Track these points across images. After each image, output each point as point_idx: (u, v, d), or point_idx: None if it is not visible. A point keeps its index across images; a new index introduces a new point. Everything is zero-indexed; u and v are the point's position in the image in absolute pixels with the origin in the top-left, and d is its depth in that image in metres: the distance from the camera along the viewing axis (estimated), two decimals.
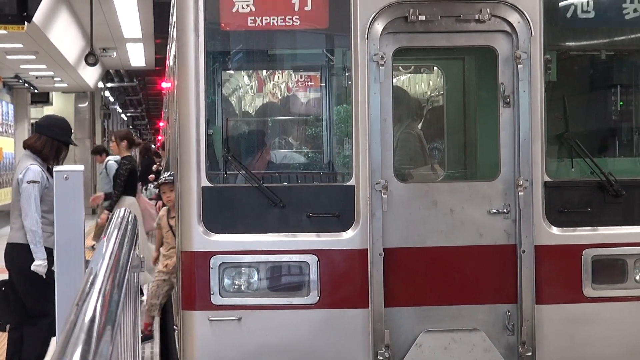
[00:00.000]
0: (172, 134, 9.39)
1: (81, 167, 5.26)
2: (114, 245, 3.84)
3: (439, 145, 7.63)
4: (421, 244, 6.51)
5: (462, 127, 7.39)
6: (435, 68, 7.99)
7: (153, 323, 10.41)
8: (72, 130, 9.67)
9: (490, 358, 6.43)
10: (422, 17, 6.45)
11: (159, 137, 43.71)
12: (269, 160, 7.09)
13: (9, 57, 22.38)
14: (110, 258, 3.45)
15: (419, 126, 7.67)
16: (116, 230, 4.36)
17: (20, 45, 20.14)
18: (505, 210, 6.52)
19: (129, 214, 5.28)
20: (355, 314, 6.43)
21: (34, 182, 7.95)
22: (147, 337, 10.23)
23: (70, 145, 8.86)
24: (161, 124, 39.31)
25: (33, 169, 8.06)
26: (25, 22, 9.64)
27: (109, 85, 39.65)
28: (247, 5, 6.52)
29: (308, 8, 6.53)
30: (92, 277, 3.02)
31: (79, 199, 4.78)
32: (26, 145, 8.51)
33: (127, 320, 3.69)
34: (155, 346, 10.51)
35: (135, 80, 40.07)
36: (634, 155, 7.17)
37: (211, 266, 6.42)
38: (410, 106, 7.64)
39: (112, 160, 14.78)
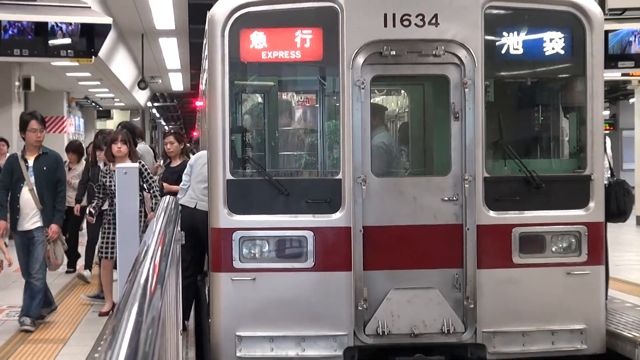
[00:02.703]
0: (204, 140, 9.35)
1: (136, 165, 5.27)
2: (161, 224, 3.82)
3: (405, 149, 7.59)
4: (391, 223, 6.48)
5: (423, 136, 7.36)
6: (402, 91, 7.96)
7: None
8: None
9: (442, 309, 6.41)
10: (393, 52, 6.41)
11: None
12: (277, 159, 7.06)
13: (80, 83, 22.34)
14: (158, 234, 3.42)
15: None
16: (163, 213, 4.35)
17: (88, 74, 20.07)
18: (454, 198, 6.49)
19: (173, 201, 5.25)
20: (341, 276, 6.40)
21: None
22: None
23: None
24: (195, 133, 39.21)
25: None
26: (92, 56, 9.60)
27: (156, 104, 39.54)
28: (261, 43, 6.48)
29: (307, 45, 6.50)
30: (145, 248, 2.99)
31: (135, 188, 4.77)
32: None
33: (171, 281, 3.66)
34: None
35: (175, 100, 39.99)
36: (550, 157, 7.16)
37: (233, 239, 6.39)
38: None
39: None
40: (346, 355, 6.40)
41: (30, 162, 7.63)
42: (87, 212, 8.67)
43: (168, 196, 6.15)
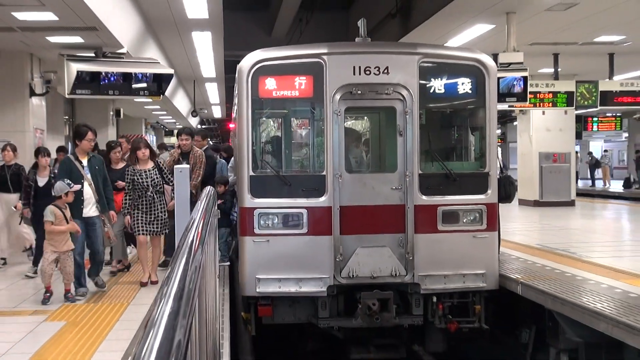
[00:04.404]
0: (235, 150, 9.27)
1: (187, 166, 5.20)
2: (204, 203, 3.77)
3: (367, 155, 7.54)
4: (358, 203, 6.43)
5: (379, 147, 7.33)
6: (365, 117, 7.92)
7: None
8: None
9: (392, 261, 6.38)
10: (359, 92, 6.38)
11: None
12: (283, 162, 7.00)
13: (153, 112, 22.28)
14: (201, 211, 3.37)
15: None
16: (205, 197, 4.29)
17: (158, 107, 19.97)
18: (399, 187, 6.46)
19: (212, 190, 5.16)
20: (326, 238, 6.36)
21: None
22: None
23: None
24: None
25: None
26: (161, 95, 9.51)
27: (203, 126, 39.37)
28: (272, 85, 6.44)
29: (303, 87, 6.45)
30: (192, 220, 2.94)
31: (187, 182, 4.71)
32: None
33: (210, 243, 3.61)
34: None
35: (215, 124, 39.84)
36: (462, 160, 7.12)
37: (254, 214, 6.33)
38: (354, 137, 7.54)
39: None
40: (328, 291, 6.37)
41: (85, 163, 6.82)
42: (125, 212, 7.22)
43: (209, 186, 6.07)
